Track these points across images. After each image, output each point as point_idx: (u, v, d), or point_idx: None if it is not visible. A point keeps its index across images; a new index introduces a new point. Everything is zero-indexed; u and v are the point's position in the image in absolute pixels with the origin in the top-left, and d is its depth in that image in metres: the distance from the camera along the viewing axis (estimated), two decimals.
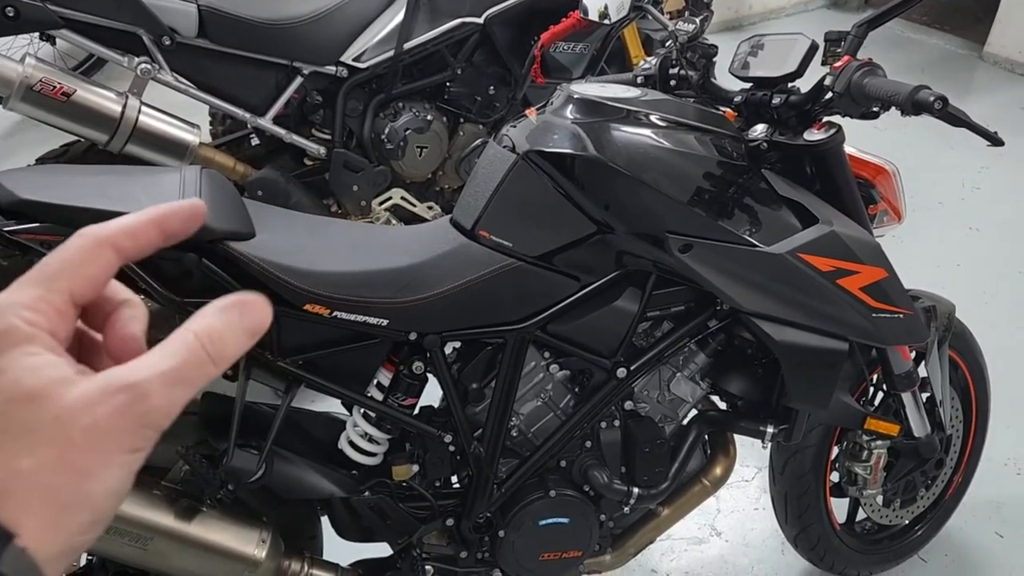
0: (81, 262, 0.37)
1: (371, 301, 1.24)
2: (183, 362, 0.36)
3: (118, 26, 1.84)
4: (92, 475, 0.34)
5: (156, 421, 0.35)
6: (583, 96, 1.29)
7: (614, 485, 1.45)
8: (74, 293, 0.37)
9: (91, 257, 0.37)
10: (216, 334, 0.37)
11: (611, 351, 1.37)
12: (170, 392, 0.35)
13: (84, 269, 0.37)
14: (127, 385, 0.35)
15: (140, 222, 0.39)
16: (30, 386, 0.34)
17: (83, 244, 0.37)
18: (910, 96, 1.11)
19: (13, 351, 0.34)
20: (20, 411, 0.33)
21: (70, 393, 0.34)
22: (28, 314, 0.35)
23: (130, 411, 0.34)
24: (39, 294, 0.36)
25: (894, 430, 1.61)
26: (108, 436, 0.34)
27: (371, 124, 2.22)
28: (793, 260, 1.27)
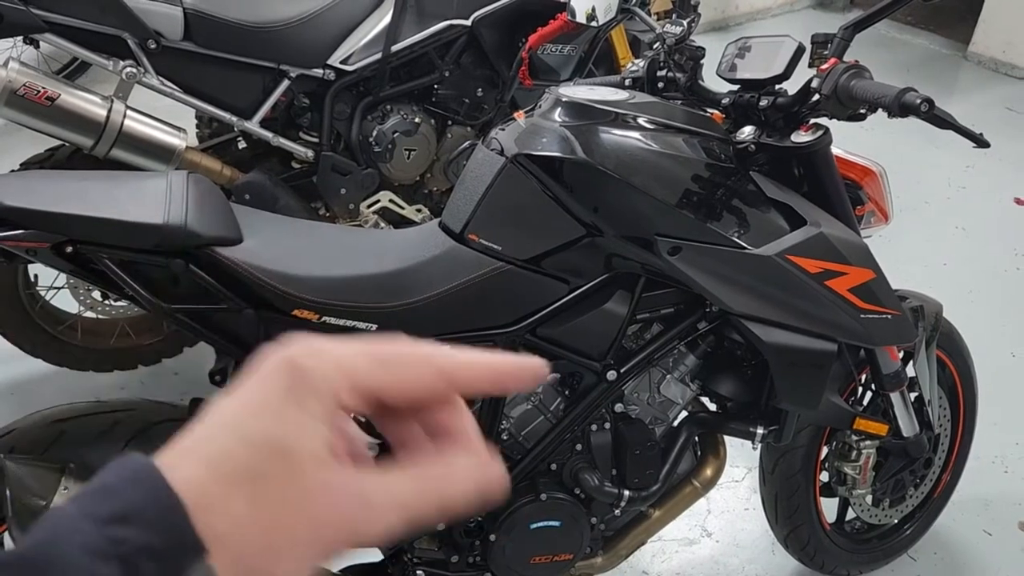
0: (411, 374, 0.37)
1: (360, 306, 1.23)
2: (414, 500, 0.36)
3: (102, 30, 1.82)
4: (277, 554, 0.33)
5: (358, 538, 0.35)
6: (571, 99, 1.29)
7: (605, 488, 1.45)
8: (383, 392, 0.36)
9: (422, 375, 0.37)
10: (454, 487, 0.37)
11: (601, 354, 1.37)
12: (388, 517, 0.35)
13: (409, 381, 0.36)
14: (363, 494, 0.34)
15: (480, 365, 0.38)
16: (293, 444, 0.33)
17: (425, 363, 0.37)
18: (897, 98, 1.12)
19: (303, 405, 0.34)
20: (269, 458, 0.33)
21: (317, 468, 0.33)
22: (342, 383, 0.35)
23: (348, 512, 0.34)
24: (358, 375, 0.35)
25: (883, 430, 1.62)
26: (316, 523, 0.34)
27: (359, 127, 2.21)
28: (781, 262, 1.27)
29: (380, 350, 0.36)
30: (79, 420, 1.29)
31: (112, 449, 1.28)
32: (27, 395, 2.27)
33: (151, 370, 2.32)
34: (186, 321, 1.21)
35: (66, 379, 2.26)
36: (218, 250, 1.17)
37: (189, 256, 1.16)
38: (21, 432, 1.26)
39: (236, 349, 1.25)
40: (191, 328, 1.22)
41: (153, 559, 0.30)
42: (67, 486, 1.18)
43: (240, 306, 1.20)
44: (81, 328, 2.22)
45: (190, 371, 2.39)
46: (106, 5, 1.78)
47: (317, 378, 0.34)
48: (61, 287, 2.17)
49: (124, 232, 1.12)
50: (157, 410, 1.36)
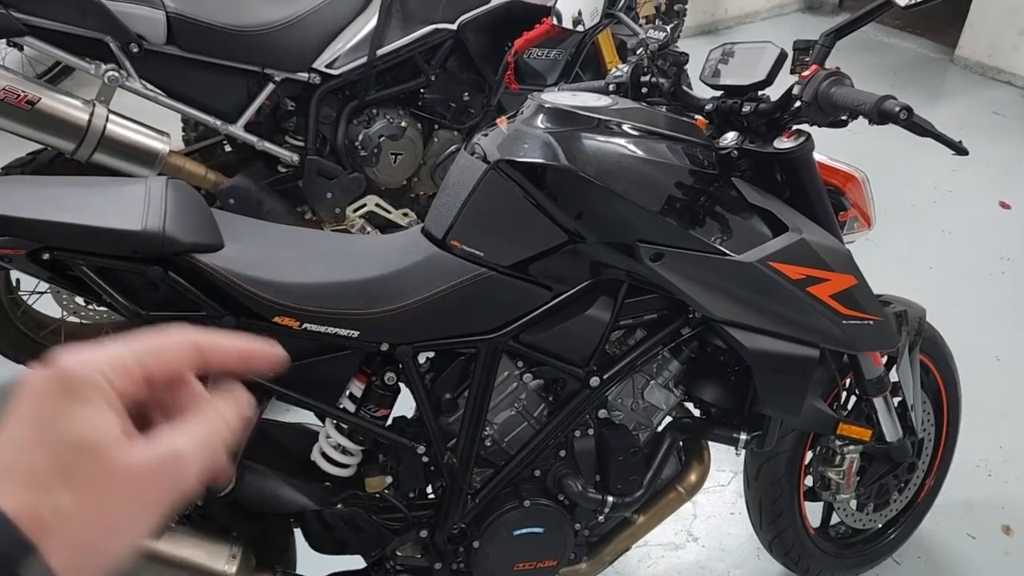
0: (168, 350, 0.42)
1: (341, 313, 1.23)
2: (208, 427, 0.42)
3: (84, 33, 1.81)
4: (120, 530, 0.38)
5: (188, 485, 0.40)
6: (554, 105, 1.29)
7: (588, 494, 1.45)
8: (149, 372, 0.41)
9: (178, 351, 0.42)
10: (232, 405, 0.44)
11: (584, 360, 1.37)
12: (197, 453, 0.40)
13: (167, 357, 0.42)
14: (171, 452, 0.39)
15: (232, 347, 0.45)
16: (88, 437, 0.37)
17: (179, 340, 0.43)
18: (876, 106, 1.12)
19: (86, 401, 0.38)
20: (74, 456, 0.37)
21: (121, 453, 0.38)
22: (110, 372, 0.39)
23: (164, 474, 0.39)
24: (125, 361, 0.40)
25: (866, 435, 1.62)
26: (142, 498, 0.38)
27: (345, 131, 2.20)
28: (763, 268, 1.27)
29: (142, 340, 0.42)
30: None
31: None
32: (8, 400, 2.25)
33: None
34: None
35: None
36: (197, 257, 1.16)
37: (168, 263, 1.15)
38: None
39: None
40: None
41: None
42: None
43: (220, 313, 1.19)
44: (64, 333, 2.20)
45: None
46: (88, 9, 1.77)
47: (87, 374, 0.38)
48: (43, 292, 2.16)
49: (101, 239, 1.11)
50: None
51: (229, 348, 0.44)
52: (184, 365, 0.43)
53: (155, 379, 0.41)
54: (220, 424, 0.42)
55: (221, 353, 0.44)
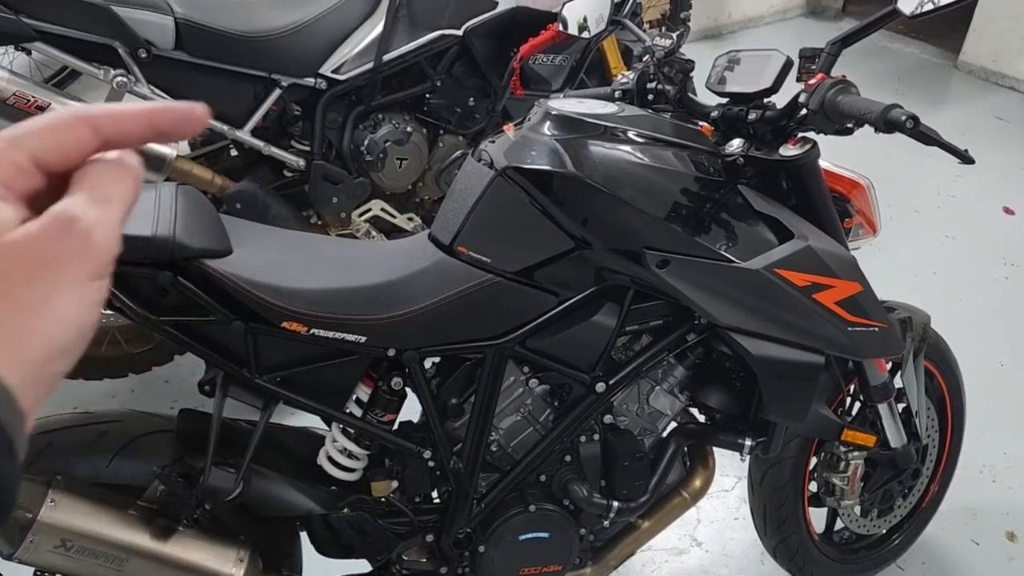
0: (52, 128, 0.38)
1: (349, 318, 1.24)
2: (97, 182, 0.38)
3: (93, 39, 1.82)
4: (38, 306, 0.35)
5: (100, 238, 0.37)
6: (560, 112, 1.30)
7: (594, 499, 1.45)
8: (37, 155, 0.38)
9: (64, 126, 0.39)
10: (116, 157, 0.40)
11: (590, 366, 1.37)
12: (98, 209, 0.37)
13: (53, 136, 0.38)
14: (55, 214, 0.36)
15: (128, 109, 0.40)
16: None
17: (60, 114, 0.39)
18: (882, 115, 1.12)
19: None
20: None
21: (9, 233, 0.35)
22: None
23: (67, 238, 0.36)
24: (3, 148, 0.37)
25: (871, 441, 1.62)
26: (50, 266, 0.36)
27: (351, 136, 2.21)
28: (769, 275, 1.28)
29: (21, 124, 0.39)
30: (67, 431, 1.29)
31: (100, 460, 1.28)
32: None
33: (141, 378, 2.32)
34: (174, 333, 1.21)
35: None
36: (207, 262, 1.17)
37: (177, 268, 1.16)
38: None
39: (224, 361, 1.25)
40: (179, 340, 1.22)
41: None
42: (54, 498, 1.18)
43: (228, 318, 1.20)
44: None
45: (181, 379, 2.39)
46: (97, 14, 1.78)
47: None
48: None
49: None
50: (145, 421, 1.36)
51: (129, 116, 0.40)
52: (80, 145, 0.39)
53: (50, 163, 0.38)
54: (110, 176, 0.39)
55: (122, 123, 0.40)
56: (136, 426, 1.33)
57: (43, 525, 1.17)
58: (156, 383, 2.35)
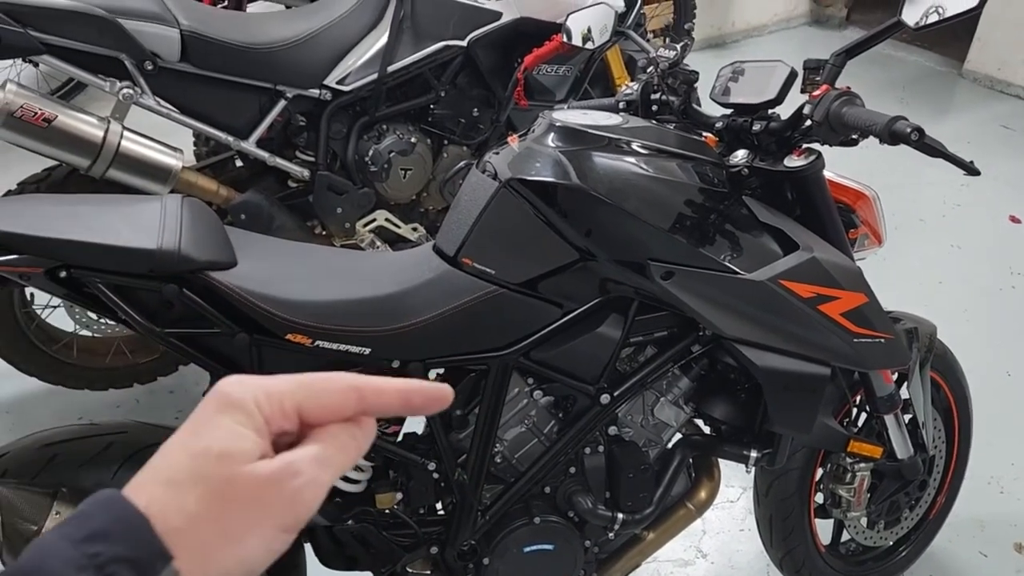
0: (326, 390, 0.44)
1: (353, 330, 1.24)
2: (329, 445, 0.43)
3: (100, 51, 1.83)
4: (235, 539, 0.40)
5: (307, 498, 0.42)
6: (564, 124, 1.30)
7: (598, 511, 1.45)
8: (304, 407, 0.43)
9: (337, 391, 0.44)
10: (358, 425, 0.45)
11: (594, 377, 1.37)
12: (317, 471, 0.42)
13: (325, 398, 0.44)
14: (286, 463, 0.42)
15: (389, 386, 0.45)
16: (225, 447, 0.41)
17: (337, 379, 0.45)
18: (887, 127, 1.12)
19: (232, 416, 0.42)
20: (209, 463, 0.40)
21: (248, 464, 0.41)
22: (263, 399, 0.43)
23: (284, 485, 0.41)
24: (280, 391, 0.43)
25: (877, 452, 1.62)
26: (262, 509, 0.41)
27: (355, 146, 2.22)
28: (774, 287, 1.27)
29: (302, 375, 0.44)
30: (71, 443, 1.29)
31: (105, 472, 1.28)
32: (23, 414, 2.27)
33: (147, 388, 2.32)
34: (179, 345, 1.21)
35: (62, 398, 2.25)
36: (212, 274, 1.17)
37: (183, 280, 1.16)
38: (13, 456, 1.25)
39: (229, 373, 1.25)
40: (184, 352, 1.22)
41: (126, 567, 0.37)
42: (59, 510, 1.18)
43: (233, 330, 1.20)
44: (77, 347, 2.22)
45: (185, 390, 2.39)
46: (104, 27, 1.79)
47: (240, 397, 0.42)
48: (57, 306, 2.17)
49: (118, 257, 1.12)
50: (150, 432, 1.36)
51: (390, 390, 0.45)
52: (343, 408, 0.44)
53: (309, 416, 0.44)
54: (343, 443, 0.44)
55: (382, 396, 0.45)
56: (141, 437, 1.33)
57: None
58: (161, 393, 2.36)
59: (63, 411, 2.25)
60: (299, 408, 0.43)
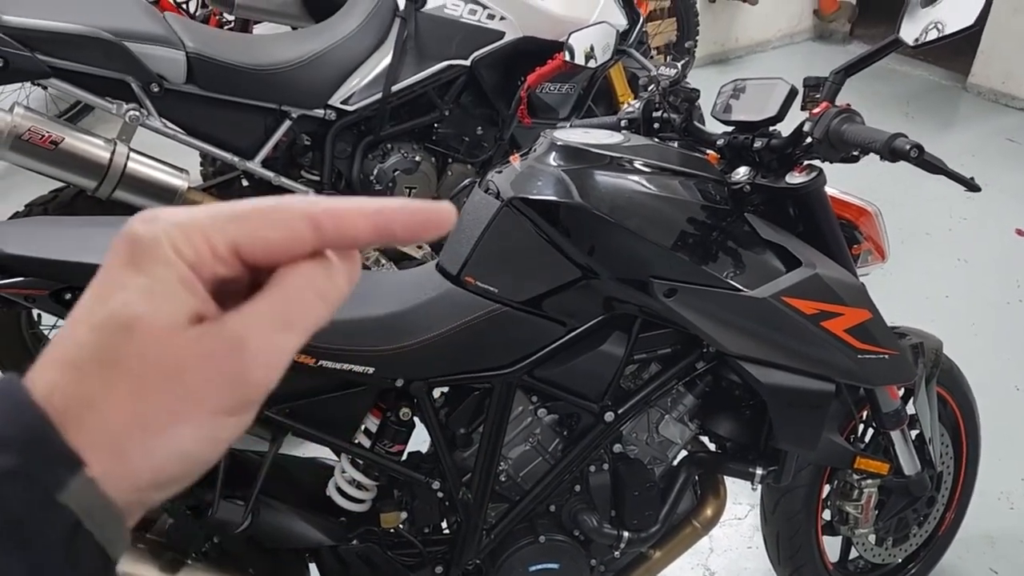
0: (267, 218, 0.33)
1: (357, 349, 1.24)
2: (289, 298, 0.33)
3: (107, 74, 1.85)
4: (160, 430, 0.31)
5: (256, 376, 0.32)
6: (566, 143, 1.31)
7: (604, 529, 1.44)
8: (240, 243, 0.32)
9: (281, 218, 0.33)
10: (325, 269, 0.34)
11: (598, 395, 1.37)
12: (272, 337, 0.32)
13: (266, 226, 0.33)
14: (223, 331, 0.31)
15: (354, 209, 0.34)
16: (135, 312, 0.31)
17: (279, 203, 0.33)
18: (887, 144, 1.13)
19: (142, 269, 0.31)
20: (116, 335, 0.31)
21: (170, 332, 0.31)
22: (179, 238, 0.32)
23: (225, 361, 0.31)
24: (203, 225, 0.32)
25: (884, 468, 1.61)
26: (191, 388, 0.31)
27: (360, 165, 2.23)
28: (777, 304, 1.27)
29: (233, 205, 0.33)
30: None
31: None
32: None
33: None
34: None
35: None
36: None
37: None
38: None
39: None
40: None
41: (16, 482, 0.29)
42: None
43: None
44: None
45: None
46: (110, 51, 1.81)
47: (153, 242, 0.31)
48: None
49: None
50: None
51: (354, 215, 0.34)
52: (294, 243, 0.33)
53: (252, 256, 0.33)
54: (306, 296, 0.33)
55: (344, 222, 0.33)
56: None
57: None
58: None
59: None
60: (235, 247, 0.32)
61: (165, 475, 0.32)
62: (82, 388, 0.30)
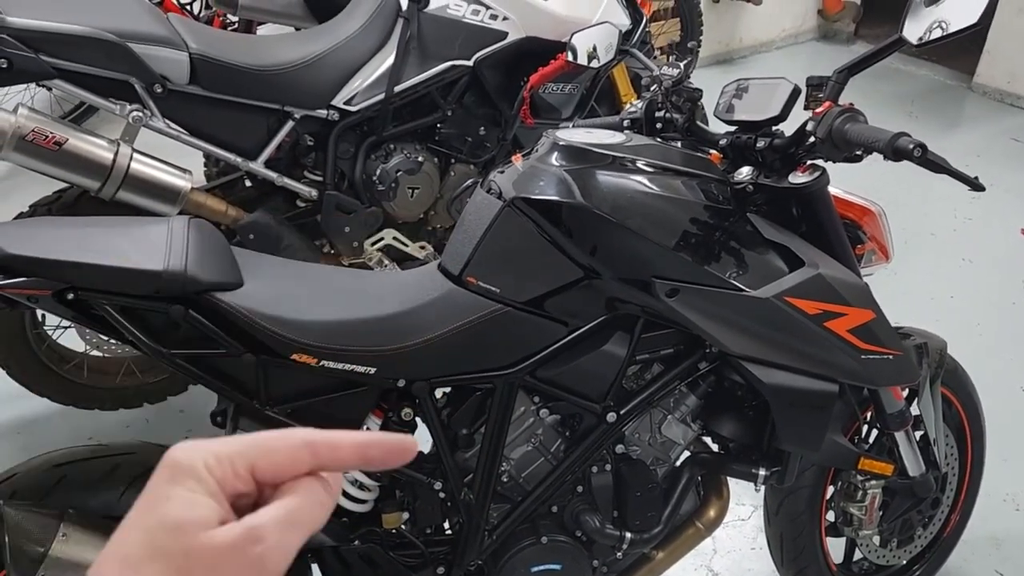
0: (277, 447, 0.43)
1: (358, 350, 1.24)
2: (296, 506, 0.42)
3: (110, 75, 1.85)
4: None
5: (272, 564, 0.40)
6: (568, 143, 1.30)
7: (606, 530, 1.44)
8: (256, 466, 0.42)
9: (287, 447, 0.43)
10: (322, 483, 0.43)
11: (601, 395, 1.36)
12: (283, 535, 0.41)
13: (276, 453, 0.43)
14: (246, 527, 0.40)
15: (344, 439, 0.44)
16: (178, 518, 0.39)
17: (286, 435, 0.43)
18: (890, 143, 1.12)
19: (183, 485, 0.40)
20: (164, 536, 0.39)
21: (205, 534, 0.39)
22: (212, 462, 0.41)
23: (246, 552, 0.39)
24: (230, 453, 0.42)
25: (888, 470, 1.60)
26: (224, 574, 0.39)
27: (362, 166, 2.23)
28: (780, 304, 1.27)
29: (253, 434, 0.43)
30: (80, 464, 1.29)
31: (111, 493, 1.28)
32: (33, 434, 2.28)
33: (157, 408, 2.33)
34: (185, 366, 1.22)
35: (72, 418, 2.27)
36: (218, 295, 1.18)
37: (189, 302, 1.17)
38: (22, 477, 1.26)
39: (236, 393, 1.25)
40: (190, 373, 1.22)
41: None
42: (66, 532, 1.18)
43: (239, 351, 1.21)
44: (87, 367, 2.23)
45: (196, 409, 2.40)
46: (114, 52, 1.81)
47: (189, 463, 0.41)
48: (67, 326, 2.19)
49: (124, 279, 1.13)
50: (158, 453, 1.35)
51: (345, 444, 0.44)
52: (295, 465, 0.43)
53: (263, 475, 0.42)
54: (307, 502, 0.42)
55: (336, 450, 0.44)
56: (149, 458, 1.33)
57: (55, 559, 1.17)
58: (171, 413, 2.36)
59: (74, 431, 2.26)
60: (252, 468, 0.42)
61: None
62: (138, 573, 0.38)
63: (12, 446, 2.21)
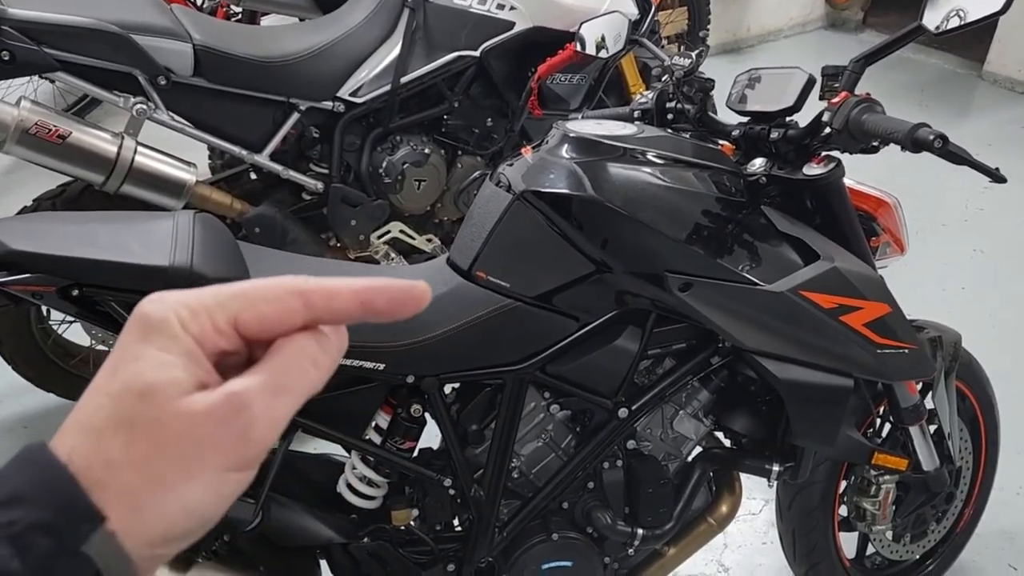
0: (262, 295, 0.37)
1: (367, 345, 1.22)
2: (286, 367, 0.36)
3: (114, 67, 1.83)
4: (172, 486, 0.34)
5: (258, 435, 0.35)
6: (579, 134, 1.28)
7: (618, 526, 1.43)
8: (239, 319, 0.36)
9: (275, 298, 0.37)
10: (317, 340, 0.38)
11: (612, 391, 1.35)
12: (270, 401, 0.36)
13: (262, 303, 0.37)
14: (228, 395, 0.35)
15: (342, 286, 0.38)
16: (148, 381, 0.34)
17: (273, 283, 0.37)
18: (909, 134, 1.10)
19: (153, 343, 0.35)
20: (131, 402, 0.34)
21: (180, 398, 0.34)
22: (186, 315, 0.36)
23: (226, 421, 0.35)
24: (207, 304, 0.36)
25: (902, 464, 1.58)
26: (200, 448, 0.34)
27: (369, 158, 2.21)
28: (794, 298, 1.25)
29: (233, 285, 0.37)
30: None
31: None
32: (39, 429, 2.27)
33: None
34: None
35: None
36: None
37: None
38: None
39: None
40: None
41: (46, 534, 0.32)
42: None
43: None
44: (93, 361, 2.22)
45: None
46: (118, 44, 1.80)
47: (161, 319, 0.35)
48: (73, 321, 2.18)
49: (129, 275, 1.11)
50: None
51: (344, 292, 0.37)
52: (286, 318, 0.37)
53: (249, 330, 0.37)
54: (301, 364, 0.37)
55: (333, 300, 0.37)
56: None
57: None
58: None
59: None
60: (235, 322, 0.36)
61: (176, 530, 0.35)
62: (101, 450, 0.34)
63: (18, 441, 2.21)
